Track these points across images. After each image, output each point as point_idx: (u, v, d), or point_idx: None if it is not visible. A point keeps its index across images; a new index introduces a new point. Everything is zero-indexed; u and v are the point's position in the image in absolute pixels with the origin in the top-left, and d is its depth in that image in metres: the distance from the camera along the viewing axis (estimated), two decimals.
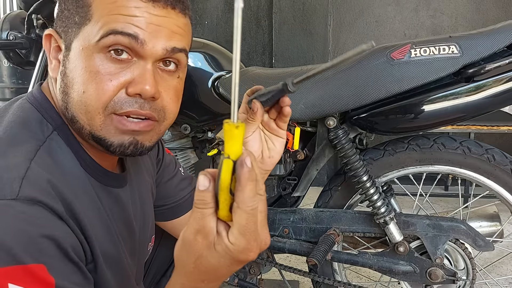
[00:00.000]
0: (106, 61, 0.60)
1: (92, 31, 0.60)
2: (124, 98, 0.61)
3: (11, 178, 0.52)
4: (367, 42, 0.47)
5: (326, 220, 1.25)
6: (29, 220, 0.50)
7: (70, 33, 0.62)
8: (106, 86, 0.59)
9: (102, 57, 0.60)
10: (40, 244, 0.50)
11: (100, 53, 0.60)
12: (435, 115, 1.10)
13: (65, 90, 0.62)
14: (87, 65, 0.60)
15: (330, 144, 1.21)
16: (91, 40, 0.60)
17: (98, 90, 0.59)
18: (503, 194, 1.18)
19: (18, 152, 0.56)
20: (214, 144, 1.31)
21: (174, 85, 0.66)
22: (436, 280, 1.17)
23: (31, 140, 0.59)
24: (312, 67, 1.22)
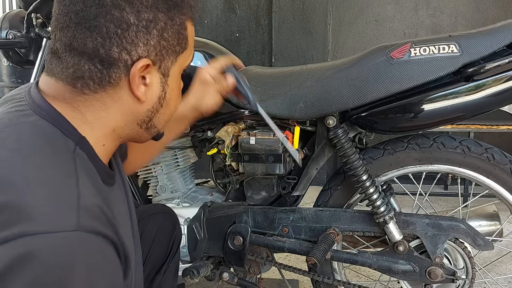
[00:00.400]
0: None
1: (186, 57, 0.74)
2: None
3: (67, 208, 0.53)
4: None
5: (326, 219, 1.25)
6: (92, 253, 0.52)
7: (167, 60, 0.70)
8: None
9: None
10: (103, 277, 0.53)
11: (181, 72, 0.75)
12: (435, 114, 1.10)
13: (157, 109, 0.72)
14: (179, 85, 0.76)
15: (329, 143, 1.21)
16: (185, 64, 0.74)
17: (179, 100, 0.78)
18: (503, 193, 1.18)
19: (59, 175, 0.56)
20: (213, 143, 1.31)
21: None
22: (436, 279, 1.17)
23: (65, 160, 0.59)
24: (311, 66, 1.23)
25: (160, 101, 0.71)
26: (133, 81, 0.65)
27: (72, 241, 0.50)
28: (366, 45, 3.21)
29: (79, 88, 0.65)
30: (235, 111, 1.27)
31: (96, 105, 0.66)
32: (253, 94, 1.08)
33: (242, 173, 1.30)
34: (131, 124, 0.71)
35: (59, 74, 0.65)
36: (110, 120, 0.67)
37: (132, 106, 0.68)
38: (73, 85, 0.65)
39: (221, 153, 1.30)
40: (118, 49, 0.63)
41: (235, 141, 1.27)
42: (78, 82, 0.64)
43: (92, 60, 0.63)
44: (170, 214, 1.24)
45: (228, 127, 1.27)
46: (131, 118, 0.70)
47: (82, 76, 0.64)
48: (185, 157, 1.46)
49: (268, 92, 1.22)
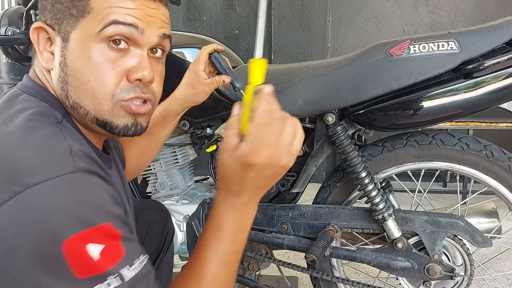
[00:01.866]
0: (107, 50, 0.65)
1: (92, 23, 0.65)
2: (127, 85, 0.67)
3: (61, 155, 0.56)
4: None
5: (325, 216, 1.25)
6: (92, 187, 0.55)
7: (66, 25, 0.66)
8: (110, 75, 0.65)
9: (103, 47, 0.65)
10: (105, 206, 0.56)
11: (101, 43, 0.65)
12: (434, 111, 1.10)
13: (65, 79, 0.66)
14: (90, 55, 0.65)
15: (328, 140, 1.21)
16: (92, 31, 0.65)
17: (103, 79, 0.65)
18: (501, 191, 1.18)
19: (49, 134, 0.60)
20: (213, 140, 1.31)
21: (160, 70, 0.74)
22: (434, 276, 1.17)
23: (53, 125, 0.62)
24: (309, 63, 1.22)
25: (62, 68, 0.66)
26: (36, 47, 0.68)
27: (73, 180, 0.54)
28: (366, 42, 3.21)
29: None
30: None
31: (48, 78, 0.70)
32: (236, 74, 1.09)
33: None
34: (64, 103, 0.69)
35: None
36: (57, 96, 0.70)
37: (49, 76, 0.69)
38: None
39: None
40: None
41: None
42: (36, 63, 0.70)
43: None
44: (161, 209, 1.24)
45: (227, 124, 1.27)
46: (58, 93, 0.69)
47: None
48: (184, 154, 1.46)
49: None
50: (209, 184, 1.55)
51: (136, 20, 0.66)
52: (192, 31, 2.90)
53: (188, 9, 3.32)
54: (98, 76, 0.65)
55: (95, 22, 0.64)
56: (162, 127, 1.08)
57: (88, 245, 0.52)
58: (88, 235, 0.52)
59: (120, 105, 0.67)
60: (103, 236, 0.54)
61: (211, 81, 1.05)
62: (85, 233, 0.52)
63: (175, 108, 1.07)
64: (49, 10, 0.67)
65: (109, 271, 0.53)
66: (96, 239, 0.53)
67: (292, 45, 3.20)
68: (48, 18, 0.67)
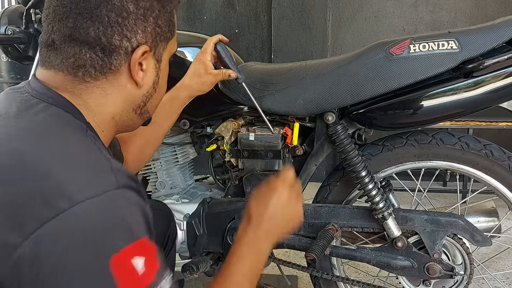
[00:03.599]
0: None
1: (174, 43, 0.77)
2: None
3: (104, 171, 0.58)
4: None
5: (325, 215, 1.25)
6: (132, 203, 0.58)
7: (160, 47, 0.73)
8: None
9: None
10: (142, 220, 0.59)
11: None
12: (434, 110, 1.10)
13: (151, 94, 0.75)
14: (167, 72, 0.79)
15: (329, 139, 1.22)
16: (173, 50, 0.78)
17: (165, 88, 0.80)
18: (501, 190, 1.18)
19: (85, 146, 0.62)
20: (213, 139, 1.31)
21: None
22: (434, 275, 1.17)
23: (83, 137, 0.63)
24: (310, 62, 1.23)
25: (154, 86, 0.75)
26: (133, 68, 0.69)
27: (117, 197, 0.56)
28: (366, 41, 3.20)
29: (80, 77, 0.67)
30: (235, 107, 1.27)
31: (97, 92, 0.68)
32: (237, 66, 1.16)
33: (242, 169, 1.30)
34: (127, 110, 0.73)
35: (59, 65, 0.67)
36: (109, 107, 0.70)
37: (130, 91, 0.71)
38: (74, 74, 0.67)
39: (221, 149, 1.30)
40: (119, 36, 0.66)
41: (234, 137, 1.27)
42: (79, 71, 0.67)
43: (94, 48, 0.66)
44: (165, 210, 1.24)
45: (227, 123, 1.27)
46: (128, 104, 0.73)
47: (83, 64, 0.66)
48: (184, 153, 1.46)
49: (267, 88, 1.22)
50: (209, 183, 1.55)
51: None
52: (192, 30, 2.90)
53: (188, 8, 3.32)
54: (165, 88, 0.80)
55: (175, 43, 0.77)
56: (167, 116, 1.14)
57: (133, 259, 0.54)
58: (133, 249, 0.54)
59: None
60: (144, 249, 0.56)
61: (217, 72, 1.13)
62: (131, 248, 0.54)
63: (182, 95, 1.13)
64: (150, 33, 0.70)
65: (152, 284, 0.55)
66: (139, 253, 0.55)
67: (292, 44, 3.20)
68: (148, 40, 0.70)
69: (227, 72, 1.13)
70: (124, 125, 0.76)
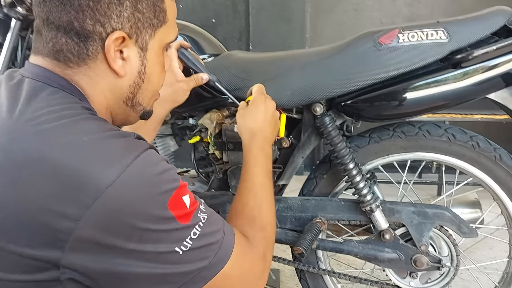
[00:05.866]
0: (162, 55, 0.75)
1: (167, 32, 0.73)
2: None
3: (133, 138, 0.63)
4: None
5: (312, 208, 1.23)
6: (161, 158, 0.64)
7: (145, 34, 0.69)
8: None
9: (162, 53, 0.75)
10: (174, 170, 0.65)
11: (164, 50, 0.75)
12: (422, 101, 1.09)
13: (139, 85, 0.71)
14: (161, 62, 0.75)
15: (316, 131, 1.19)
16: (166, 40, 0.73)
17: (164, 77, 0.78)
18: (487, 181, 1.18)
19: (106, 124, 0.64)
20: (196, 131, 1.27)
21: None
22: (421, 267, 1.17)
23: (100, 120, 0.65)
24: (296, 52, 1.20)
25: (140, 75, 0.71)
26: (108, 54, 0.65)
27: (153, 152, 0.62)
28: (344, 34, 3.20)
29: (63, 61, 0.65)
30: (218, 98, 1.22)
31: (85, 79, 0.66)
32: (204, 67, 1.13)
33: (226, 162, 1.26)
34: (118, 102, 0.71)
35: (42, 49, 0.66)
36: (99, 97, 0.68)
37: (114, 81, 0.69)
38: (57, 59, 0.65)
39: (204, 141, 1.26)
40: (91, 21, 0.64)
41: (218, 128, 1.23)
42: (59, 55, 0.65)
43: (68, 33, 0.64)
44: None
45: (211, 114, 1.23)
46: (117, 95, 0.70)
47: (61, 49, 0.64)
48: (165, 145, 1.41)
49: (252, 78, 1.18)
50: (191, 177, 1.50)
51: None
52: None
53: None
54: (162, 79, 0.77)
55: (169, 32, 0.73)
56: (145, 136, 1.06)
57: (182, 197, 0.62)
58: (181, 189, 0.62)
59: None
60: (185, 188, 0.64)
61: (189, 78, 1.08)
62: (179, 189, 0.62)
63: (156, 112, 1.01)
64: (127, 19, 0.66)
65: (197, 211, 0.65)
66: (184, 191, 0.63)
67: (271, 36, 3.16)
68: (125, 26, 0.66)
69: (198, 77, 1.08)
70: (119, 118, 0.74)
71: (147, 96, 0.75)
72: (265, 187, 0.90)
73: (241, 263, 0.70)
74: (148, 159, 0.60)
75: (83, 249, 0.56)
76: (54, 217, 0.54)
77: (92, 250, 0.56)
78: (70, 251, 0.55)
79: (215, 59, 1.28)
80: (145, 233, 0.58)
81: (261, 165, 0.92)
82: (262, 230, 0.80)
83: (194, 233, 0.62)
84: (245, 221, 0.81)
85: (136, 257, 0.58)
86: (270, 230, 0.84)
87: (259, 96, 1.02)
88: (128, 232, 0.57)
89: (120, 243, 0.57)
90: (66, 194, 0.54)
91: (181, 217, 0.61)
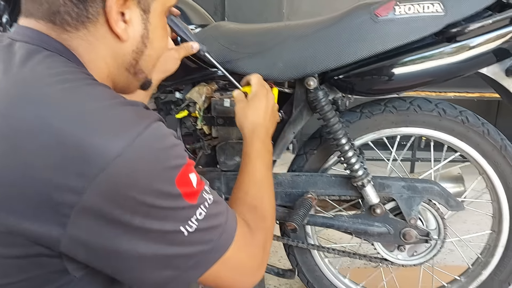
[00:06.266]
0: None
1: None
2: None
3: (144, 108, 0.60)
4: None
5: (302, 184, 1.21)
6: (170, 132, 0.60)
7: None
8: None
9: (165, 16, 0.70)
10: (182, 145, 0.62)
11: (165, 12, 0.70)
12: (418, 75, 1.08)
13: (142, 50, 0.67)
14: (164, 25, 0.70)
15: (308, 106, 1.17)
16: (168, 3, 0.68)
17: (166, 45, 0.74)
18: (474, 156, 1.20)
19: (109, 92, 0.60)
20: (183, 105, 1.22)
21: None
22: (410, 240, 1.18)
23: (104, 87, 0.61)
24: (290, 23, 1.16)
25: (143, 40, 0.66)
26: (110, 16, 0.60)
27: (162, 125, 0.58)
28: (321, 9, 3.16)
29: (59, 25, 0.59)
30: (208, 71, 1.18)
31: (83, 44, 0.61)
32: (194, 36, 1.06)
33: (215, 138, 1.23)
34: (120, 69, 0.67)
35: (36, 11, 0.60)
36: (101, 63, 0.64)
37: (116, 46, 0.64)
38: (52, 22, 0.59)
39: (192, 116, 1.21)
40: None
41: (207, 103, 1.18)
42: (56, 18, 0.59)
43: None
44: None
45: (199, 88, 1.18)
46: (119, 61, 0.66)
47: (58, 11, 0.59)
48: None
49: (243, 50, 1.14)
50: None
51: None
52: None
53: None
54: (166, 44, 0.73)
55: None
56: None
57: (189, 175, 0.59)
58: (188, 167, 0.59)
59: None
60: (191, 166, 0.61)
61: (179, 47, 1.03)
62: (187, 166, 0.59)
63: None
64: None
65: (203, 191, 0.62)
66: (191, 169, 0.60)
67: (247, 10, 3.09)
68: None
69: (189, 45, 1.03)
70: (120, 87, 0.69)
71: (150, 62, 0.70)
72: (267, 180, 0.88)
73: (242, 249, 0.68)
74: (157, 131, 0.56)
75: (85, 224, 0.52)
76: (56, 190, 0.50)
77: (95, 225, 0.52)
78: (72, 226, 0.51)
79: (202, 29, 1.23)
80: (151, 209, 0.55)
81: (263, 158, 0.90)
82: (263, 221, 0.79)
83: (199, 213, 0.60)
84: (247, 208, 0.79)
85: (141, 236, 0.55)
86: (271, 222, 0.82)
87: (261, 89, 0.98)
88: (134, 206, 0.53)
89: (125, 218, 0.53)
90: (69, 165, 0.50)
91: (188, 195, 0.58)
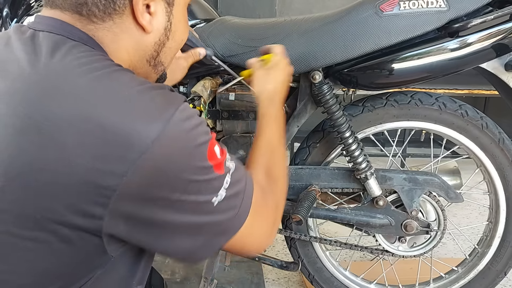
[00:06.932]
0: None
1: None
2: None
3: (168, 92, 0.61)
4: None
5: (306, 177, 1.23)
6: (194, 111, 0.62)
7: None
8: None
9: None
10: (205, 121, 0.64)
11: (186, 5, 0.71)
12: (421, 70, 1.10)
13: (164, 42, 0.68)
14: (186, 19, 0.72)
15: (312, 99, 1.18)
16: None
17: (186, 36, 0.74)
18: (472, 149, 1.23)
19: (136, 77, 0.61)
20: (189, 99, 1.22)
21: None
22: (411, 232, 1.21)
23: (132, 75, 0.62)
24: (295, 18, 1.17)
25: (166, 32, 0.68)
26: (136, 8, 0.61)
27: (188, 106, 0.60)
28: (313, 7, 3.19)
29: (86, 16, 0.60)
30: (212, 65, 1.18)
31: (109, 36, 0.63)
32: (199, 41, 1.09)
33: (219, 131, 1.23)
34: (141, 61, 0.68)
35: (62, 3, 0.60)
36: (123, 54, 0.65)
37: (140, 38, 0.65)
38: (79, 13, 0.60)
39: (197, 109, 1.21)
40: None
41: (212, 96, 1.19)
42: (82, 9, 0.60)
43: None
44: None
45: (205, 82, 1.18)
46: (141, 53, 0.67)
47: (85, 2, 0.59)
48: None
49: (249, 44, 1.14)
50: None
51: None
52: None
53: None
54: (186, 37, 0.74)
55: None
56: None
57: (214, 147, 0.61)
58: (213, 140, 0.62)
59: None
60: (214, 138, 0.63)
61: (186, 54, 1.04)
62: (212, 140, 0.62)
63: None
64: None
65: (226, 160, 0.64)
66: (215, 142, 0.63)
67: (239, 6, 3.09)
68: None
69: (196, 52, 1.03)
70: None
71: (170, 55, 0.71)
72: (281, 145, 0.89)
73: (258, 212, 0.70)
74: (185, 112, 0.58)
75: (127, 203, 0.54)
76: (99, 175, 0.51)
77: (135, 203, 0.55)
78: (114, 205, 0.53)
79: (208, 24, 1.23)
80: (189, 184, 0.58)
81: (279, 123, 0.91)
82: (275, 182, 0.81)
83: (226, 181, 0.63)
84: (262, 169, 0.81)
85: (177, 208, 0.58)
86: (283, 185, 0.85)
87: (283, 60, 0.98)
88: (172, 184, 0.56)
89: (164, 195, 0.56)
90: (111, 151, 0.52)
91: (216, 166, 0.61)
